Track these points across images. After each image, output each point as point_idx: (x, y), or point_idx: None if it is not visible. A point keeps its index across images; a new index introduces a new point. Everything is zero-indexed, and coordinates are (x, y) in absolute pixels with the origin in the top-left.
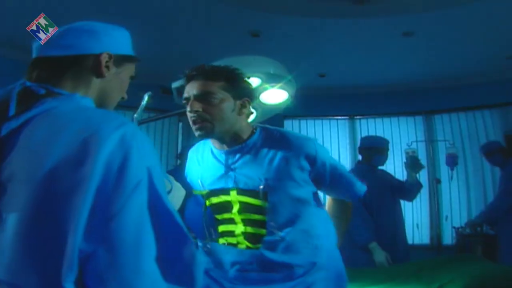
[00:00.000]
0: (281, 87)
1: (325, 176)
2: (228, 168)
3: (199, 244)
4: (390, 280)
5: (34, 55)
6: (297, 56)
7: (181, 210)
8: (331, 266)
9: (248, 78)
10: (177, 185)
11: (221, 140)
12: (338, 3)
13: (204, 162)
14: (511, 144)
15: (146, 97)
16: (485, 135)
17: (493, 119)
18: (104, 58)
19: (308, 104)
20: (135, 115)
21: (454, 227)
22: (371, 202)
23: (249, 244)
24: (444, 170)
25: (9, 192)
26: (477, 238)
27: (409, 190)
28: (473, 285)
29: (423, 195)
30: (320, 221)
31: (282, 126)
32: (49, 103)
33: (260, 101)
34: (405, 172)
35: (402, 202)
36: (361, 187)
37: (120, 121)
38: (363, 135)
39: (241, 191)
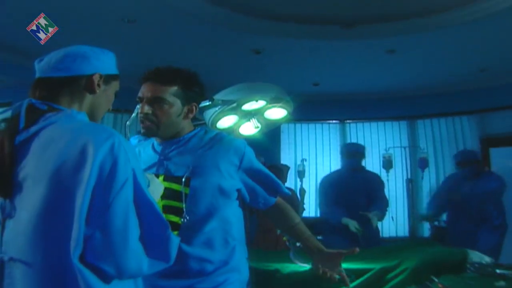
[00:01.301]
0: (281, 106)
1: (252, 171)
2: (162, 157)
3: None
4: (361, 260)
5: (37, 75)
6: (294, 68)
7: None
8: (243, 270)
9: (256, 101)
10: (156, 181)
11: (163, 138)
12: (329, 27)
13: (144, 153)
14: (486, 148)
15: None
16: (462, 139)
17: (470, 124)
18: (96, 78)
19: (303, 109)
20: (128, 123)
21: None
22: (348, 199)
23: None
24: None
25: (24, 190)
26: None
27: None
28: (426, 260)
29: (403, 193)
30: (238, 223)
31: (279, 129)
32: (52, 118)
33: (264, 117)
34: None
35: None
36: (283, 187)
37: (109, 132)
38: (352, 138)
39: (167, 177)
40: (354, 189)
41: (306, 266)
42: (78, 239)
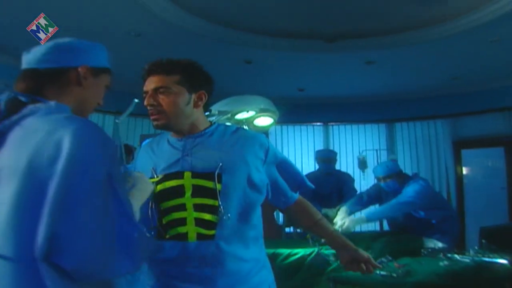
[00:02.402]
0: (268, 115)
1: (276, 164)
2: (185, 153)
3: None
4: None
5: (22, 67)
6: (281, 76)
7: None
8: (268, 266)
9: (247, 111)
10: (145, 180)
11: (179, 131)
12: (313, 42)
13: (160, 150)
14: (458, 149)
15: (133, 103)
16: (436, 141)
17: (443, 127)
18: (82, 70)
19: (289, 113)
20: (120, 118)
21: None
22: (322, 199)
23: (200, 230)
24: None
25: (1, 183)
26: None
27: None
28: (388, 246)
29: None
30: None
31: (267, 131)
32: (31, 110)
33: (254, 125)
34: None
35: None
36: (306, 180)
37: (89, 126)
38: (335, 139)
39: (195, 174)
40: (328, 191)
41: (301, 251)
42: (45, 235)
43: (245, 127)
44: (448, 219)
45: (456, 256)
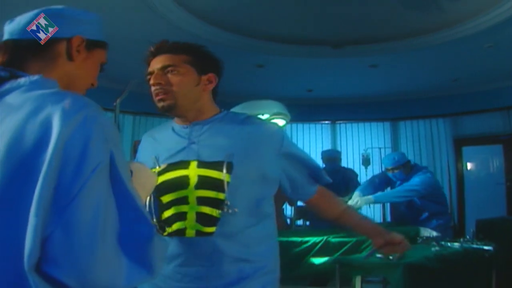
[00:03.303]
0: (281, 118)
1: (291, 156)
2: (191, 140)
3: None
4: (342, 235)
5: (4, 38)
6: (291, 78)
7: None
8: (277, 269)
9: (262, 115)
10: (148, 172)
11: (184, 116)
12: (321, 47)
13: (163, 138)
14: (459, 146)
15: (131, 83)
16: (438, 138)
17: (445, 126)
18: (75, 42)
19: (299, 112)
20: (118, 100)
21: None
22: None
23: (199, 227)
24: None
25: None
26: None
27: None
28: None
29: None
30: (274, 218)
31: None
32: (9, 86)
33: None
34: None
35: None
36: (324, 173)
37: (82, 102)
38: (342, 137)
39: (202, 164)
40: (335, 186)
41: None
42: (33, 241)
43: None
44: (439, 214)
45: (447, 243)
